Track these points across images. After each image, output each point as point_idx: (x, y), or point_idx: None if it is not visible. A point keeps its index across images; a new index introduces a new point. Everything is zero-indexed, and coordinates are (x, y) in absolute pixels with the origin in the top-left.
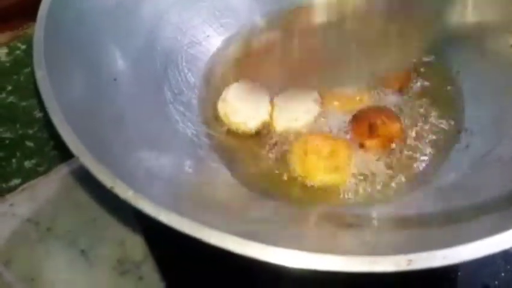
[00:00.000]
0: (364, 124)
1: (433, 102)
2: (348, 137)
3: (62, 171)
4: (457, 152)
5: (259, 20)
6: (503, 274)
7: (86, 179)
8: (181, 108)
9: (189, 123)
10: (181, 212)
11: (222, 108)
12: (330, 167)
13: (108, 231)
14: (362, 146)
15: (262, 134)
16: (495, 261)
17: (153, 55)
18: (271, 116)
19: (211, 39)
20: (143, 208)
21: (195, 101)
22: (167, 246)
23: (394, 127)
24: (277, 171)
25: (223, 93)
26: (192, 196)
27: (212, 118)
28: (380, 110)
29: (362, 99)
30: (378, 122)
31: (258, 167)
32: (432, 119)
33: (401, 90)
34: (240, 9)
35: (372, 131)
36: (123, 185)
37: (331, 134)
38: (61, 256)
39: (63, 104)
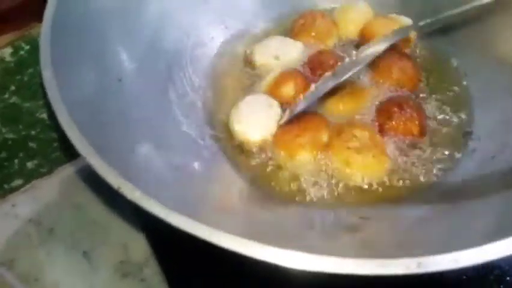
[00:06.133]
0: (387, 109)
1: (440, 105)
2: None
3: (64, 172)
4: (464, 155)
5: (263, 23)
6: (508, 278)
7: (89, 180)
8: (185, 110)
9: (193, 125)
10: (188, 214)
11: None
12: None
13: (110, 233)
14: (382, 130)
15: None
16: (500, 265)
17: (158, 56)
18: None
19: (216, 41)
20: (150, 209)
21: (199, 103)
22: (170, 248)
23: (415, 116)
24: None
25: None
26: (198, 197)
27: (216, 120)
28: (405, 100)
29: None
30: (397, 109)
31: (264, 168)
32: (439, 121)
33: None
34: (246, 11)
35: (392, 115)
36: (130, 185)
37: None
38: (63, 257)
39: (69, 105)
